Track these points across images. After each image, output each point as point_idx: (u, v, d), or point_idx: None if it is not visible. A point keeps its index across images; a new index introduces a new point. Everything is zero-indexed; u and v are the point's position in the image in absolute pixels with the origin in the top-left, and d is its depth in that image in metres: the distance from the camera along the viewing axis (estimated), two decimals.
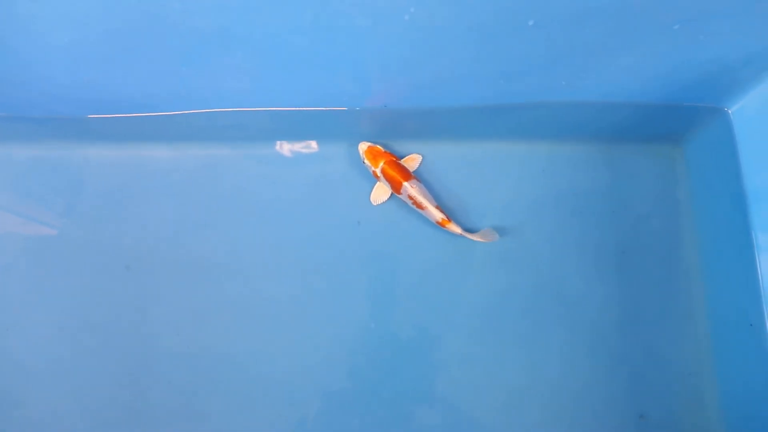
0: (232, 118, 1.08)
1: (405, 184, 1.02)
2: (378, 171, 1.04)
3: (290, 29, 0.87)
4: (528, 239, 1.09)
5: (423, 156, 1.11)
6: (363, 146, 1.06)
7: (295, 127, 1.11)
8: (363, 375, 1.03)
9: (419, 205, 1.02)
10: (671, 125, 1.15)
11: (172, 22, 0.84)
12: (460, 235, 1.03)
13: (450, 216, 1.03)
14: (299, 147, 1.12)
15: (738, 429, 1.01)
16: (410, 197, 1.03)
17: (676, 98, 1.09)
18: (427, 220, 1.06)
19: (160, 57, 0.91)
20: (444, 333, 1.05)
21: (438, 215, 1.02)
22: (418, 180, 1.05)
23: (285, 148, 1.12)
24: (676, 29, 0.91)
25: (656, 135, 1.16)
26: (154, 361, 1.03)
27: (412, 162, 1.09)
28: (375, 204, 1.08)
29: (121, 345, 1.03)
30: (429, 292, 1.06)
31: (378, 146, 1.06)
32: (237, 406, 1.02)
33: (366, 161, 1.05)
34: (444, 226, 1.03)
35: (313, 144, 1.12)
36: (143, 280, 1.05)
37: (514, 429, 1.02)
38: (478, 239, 1.03)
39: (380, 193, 1.07)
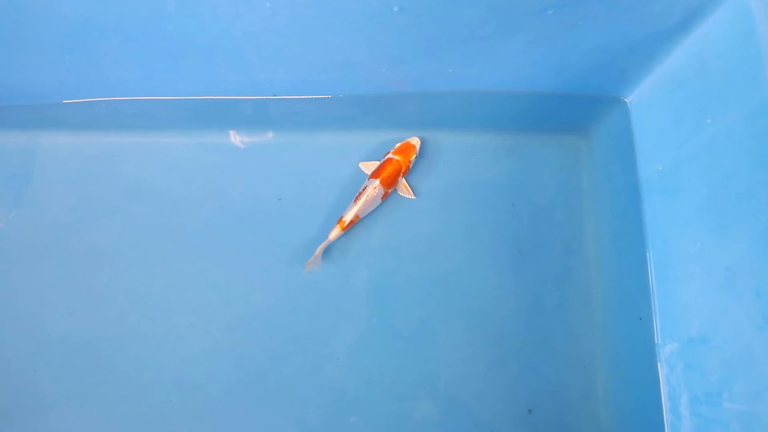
0: (130, 107, 1.09)
1: (376, 181, 1.05)
2: (387, 156, 1.08)
3: (157, 17, 0.88)
4: (423, 230, 1.09)
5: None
6: (415, 140, 1.09)
7: (195, 115, 1.12)
8: (251, 360, 1.03)
9: (356, 198, 1.05)
10: (575, 115, 1.13)
11: (37, 9, 0.86)
12: (325, 242, 1.04)
13: (347, 230, 1.05)
14: (200, 136, 1.13)
15: (624, 421, 0.99)
16: (364, 188, 1.06)
17: (573, 87, 1.07)
18: (331, 223, 1.07)
19: (38, 46, 0.93)
20: (335, 324, 1.05)
21: (347, 216, 1.04)
22: (385, 193, 1.07)
23: (186, 137, 1.13)
24: (550, 14, 0.89)
25: (562, 125, 1.15)
26: (49, 346, 1.04)
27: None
28: (360, 167, 1.11)
29: (15, 330, 1.04)
30: (320, 282, 1.06)
31: (415, 153, 1.08)
32: (130, 391, 1.02)
33: (398, 144, 1.09)
34: (335, 227, 1.04)
35: (213, 133, 1.13)
36: (40, 265, 1.07)
37: (399, 419, 1.01)
38: (313, 257, 1.04)
39: (369, 166, 1.10)
